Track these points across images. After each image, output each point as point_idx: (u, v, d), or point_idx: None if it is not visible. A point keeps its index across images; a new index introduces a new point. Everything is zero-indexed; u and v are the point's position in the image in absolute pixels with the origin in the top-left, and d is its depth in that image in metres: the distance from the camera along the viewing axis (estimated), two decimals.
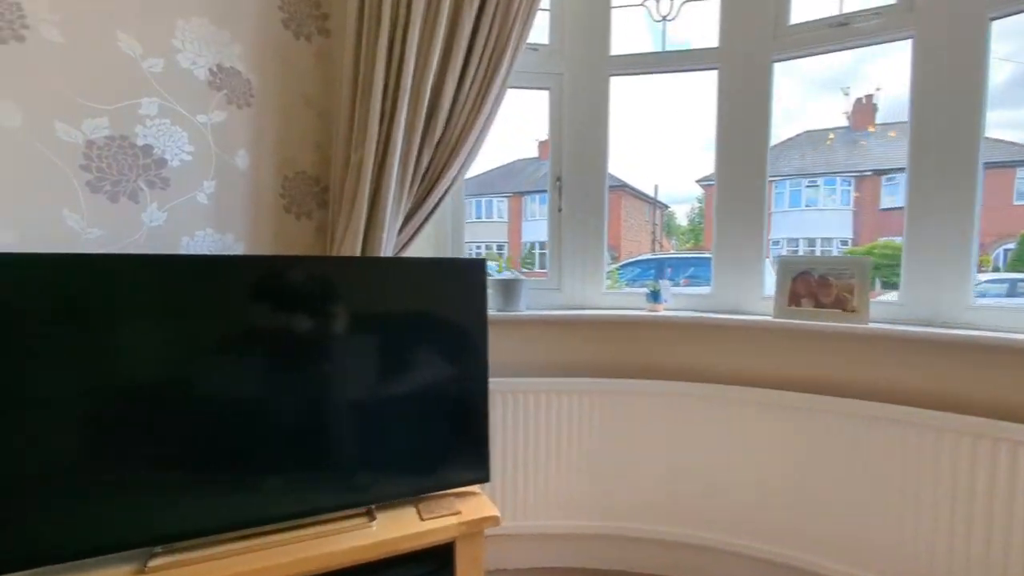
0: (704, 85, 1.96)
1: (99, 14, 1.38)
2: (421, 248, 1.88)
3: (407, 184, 1.55)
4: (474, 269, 1.45)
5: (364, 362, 1.37)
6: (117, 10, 1.41)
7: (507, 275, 1.96)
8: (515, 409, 1.85)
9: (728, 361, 1.85)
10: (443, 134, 1.58)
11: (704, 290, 2.01)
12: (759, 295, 1.88)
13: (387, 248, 1.56)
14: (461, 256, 2.03)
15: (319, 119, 1.77)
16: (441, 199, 1.61)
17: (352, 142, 1.59)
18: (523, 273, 2.55)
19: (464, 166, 1.61)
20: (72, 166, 1.36)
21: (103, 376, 1.12)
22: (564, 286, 2.03)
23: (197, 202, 1.55)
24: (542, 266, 2.07)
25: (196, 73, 1.54)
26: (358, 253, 1.54)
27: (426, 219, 1.61)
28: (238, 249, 1.63)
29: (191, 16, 1.52)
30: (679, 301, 1.99)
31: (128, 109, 1.43)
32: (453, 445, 1.46)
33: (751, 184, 1.86)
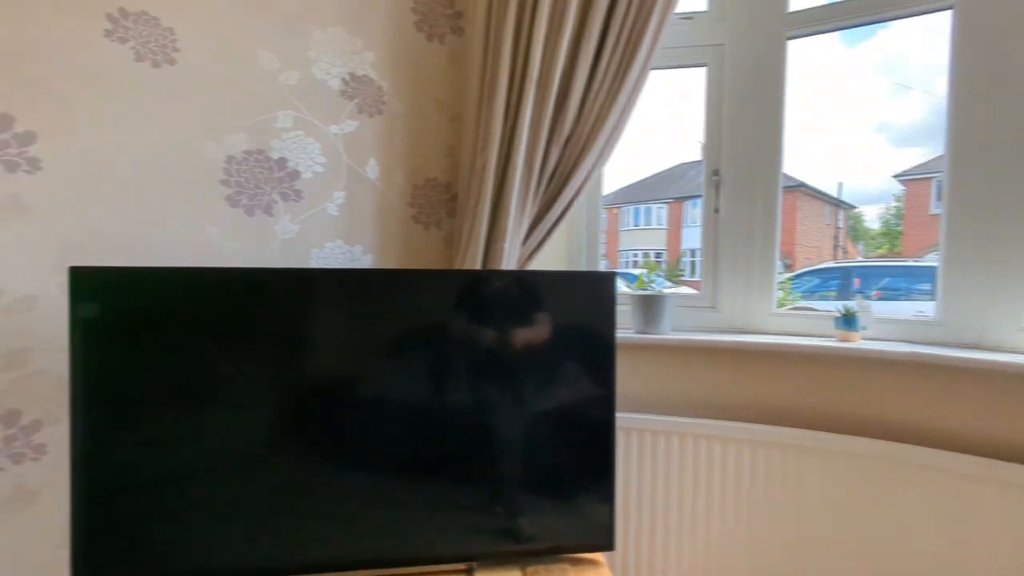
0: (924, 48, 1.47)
1: (243, 32, 1.42)
2: (550, 261, 1.68)
3: (532, 187, 1.37)
4: (601, 283, 1.21)
5: (478, 385, 1.22)
6: (259, 27, 1.44)
7: (650, 290, 1.67)
8: (652, 453, 1.54)
9: (967, 420, 1.34)
10: (573, 128, 1.36)
11: (917, 308, 1.51)
12: (1017, 323, 1.34)
13: (510, 259, 1.39)
14: (597, 270, 1.79)
15: (450, 124, 1.68)
16: (570, 203, 1.39)
17: (477, 144, 1.45)
18: (682, 283, 2.21)
19: (597, 165, 1.38)
20: (214, 181, 1.41)
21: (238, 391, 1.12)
22: (721, 304, 1.68)
23: (327, 214, 1.54)
24: (696, 275, 1.73)
25: (329, 83, 1.53)
26: (479, 265, 1.40)
27: (553, 226, 1.41)
28: (366, 262, 1.59)
29: (328, 27, 1.51)
30: (883, 328, 1.51)
31: (265, 123, 1.46)
32: (571, 495, 1.23)
33: (1010, 163, 1.32)
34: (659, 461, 1.53)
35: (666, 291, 1.69)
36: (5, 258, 1.22)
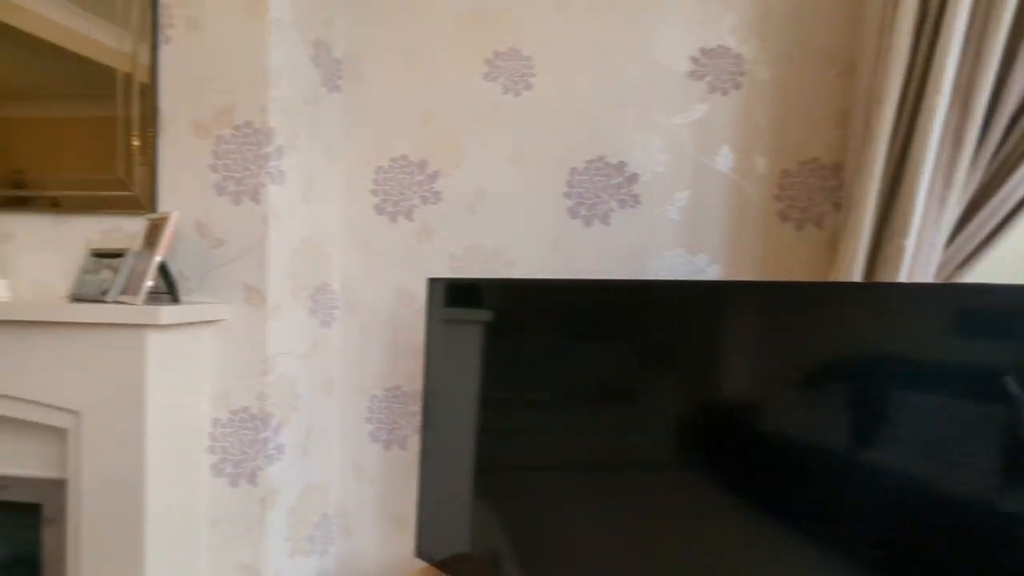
0: None
1: (587, 41, 1.38)
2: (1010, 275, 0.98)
3: (967, 143, 0.80)
4: None
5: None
6: (602, 30, 1.38)
7: None
8: None
9: None
10: None
11: None
12: None
13: (924, 268, 0.85)
14: None
15: (840, 81, 1.23)
16: None
17: (872, 96, 0.98)
18: None
19: None
20: (558, 194, 1.41)
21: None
22: None
23: (667, 218, 1.34)
24: None
25: (675, 67, 1.33)
26: (858, 275, 0.92)
27: (1015, 212, 0.79)
28: (711, 273, 1.32)
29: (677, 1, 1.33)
30: None
31: (608, 126, 1.38)
32: None
33: None
34: None
35: None
36: (419, 272, 1.53)
